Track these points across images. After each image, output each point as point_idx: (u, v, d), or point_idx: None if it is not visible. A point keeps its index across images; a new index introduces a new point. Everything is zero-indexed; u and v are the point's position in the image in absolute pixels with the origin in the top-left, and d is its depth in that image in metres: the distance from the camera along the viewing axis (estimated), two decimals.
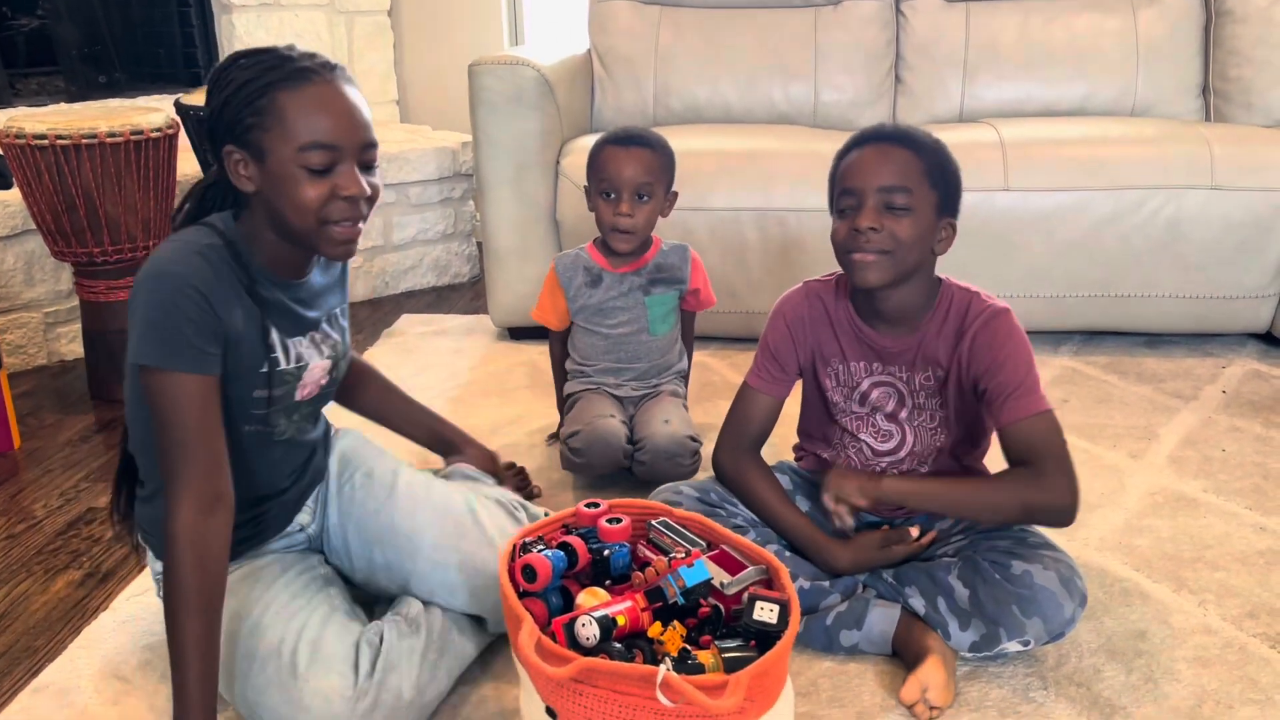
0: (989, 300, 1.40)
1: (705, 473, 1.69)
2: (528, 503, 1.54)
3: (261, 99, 1.13)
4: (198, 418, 1.14)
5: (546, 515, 1.53)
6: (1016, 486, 1.35)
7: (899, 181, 1.33)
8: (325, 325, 1.33)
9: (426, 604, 1.35)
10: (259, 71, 1.14)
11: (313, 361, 1.30)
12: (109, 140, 2.11)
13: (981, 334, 1.37)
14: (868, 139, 1.38)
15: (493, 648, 1.40)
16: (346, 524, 1.41)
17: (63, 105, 2.91)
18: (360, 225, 1.20)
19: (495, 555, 1.30)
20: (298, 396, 1.30)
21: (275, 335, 1.24)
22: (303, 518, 1.40)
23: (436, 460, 1.71)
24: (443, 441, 1.69)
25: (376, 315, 2.92)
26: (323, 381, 1.34)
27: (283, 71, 1.14)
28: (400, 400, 1.67)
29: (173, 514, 1.12)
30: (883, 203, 1.33)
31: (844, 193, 1.37)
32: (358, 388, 1.62)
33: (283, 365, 1.26)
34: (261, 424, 1.27)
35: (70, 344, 2.56)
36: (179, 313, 1.12)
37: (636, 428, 1.80)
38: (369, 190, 1.18)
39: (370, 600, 1.46)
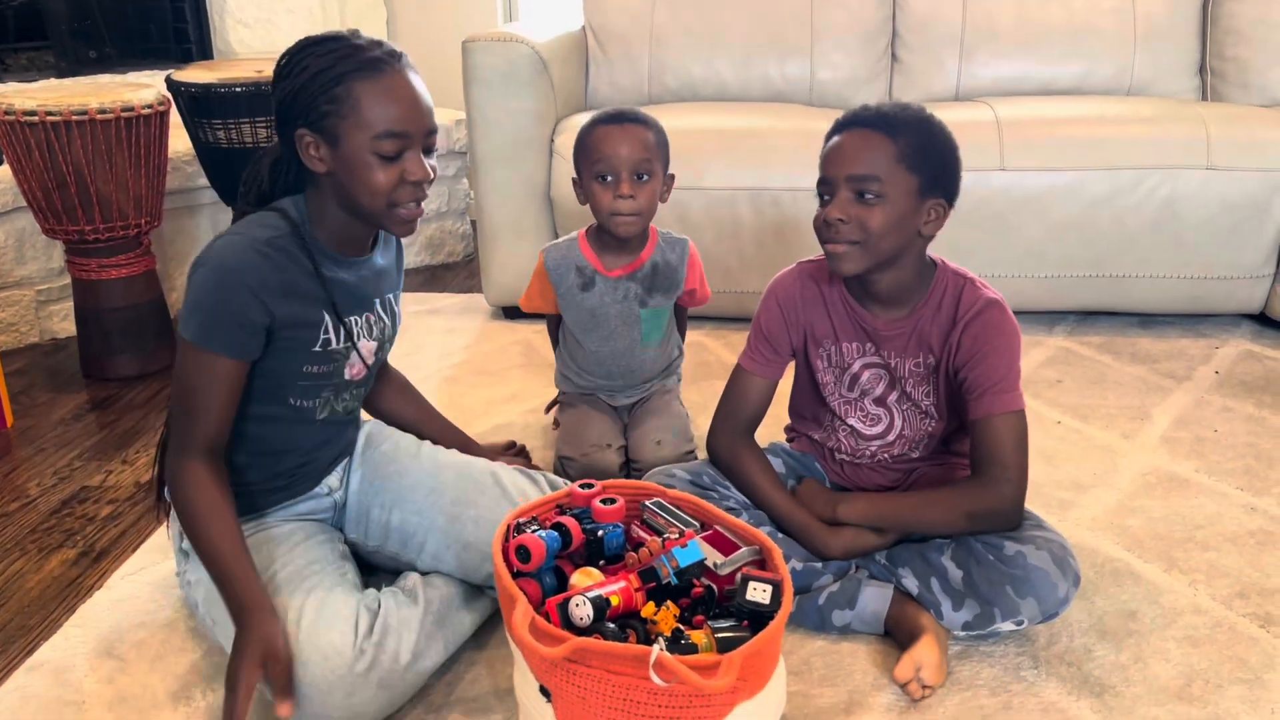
0: (982, 289, 1.40)
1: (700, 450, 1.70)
2: (550, 474, 1.55)
3: (338, 87, 1.19)
4: (219, 396, 1.24)
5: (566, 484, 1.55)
6: (959, 498, 1.38)
7: (868, 171, 1.31)
8: (379, 307, 1.40)
9: (426, 576, 1.37)
10: (334, 60, 1.20)
11: (362, 341, 1.36)
12: (99, 117, 2.10)
13: (973, 325, 1.38)
14: (846, 124, 1.37)
15: (488, 626, 1.40)
16: (368, 489, 1.46)
17: (53, 81, 2.88)
18: (424, 205, 1.29)
19: None
20: (347, 376, 1.37)
21: (332, 316, 1.31)
22: (332, 480, 1.45)
23: None
24: None
25: None
26: (369, 361, 1.40)
27: (356, 61, 1.20)
28: (433, 418, 1.66)
29: (180, 460, 1.24)
30: (853, 192, 1.32)
31: (821, 180, 1.37)
32: (394, 396, 1.63)
33: (334, 345, 1.32)
34: (304, 398, 1.34)
35: (63, 321, 2.55)
36: (226, 306, 1.21)
37: (631, 443, 1.78)
38: (433, 174, 1.26)
39: (371, 575, 1.47)
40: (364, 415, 1.57)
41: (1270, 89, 2.60)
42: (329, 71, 1.19)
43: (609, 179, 1.66)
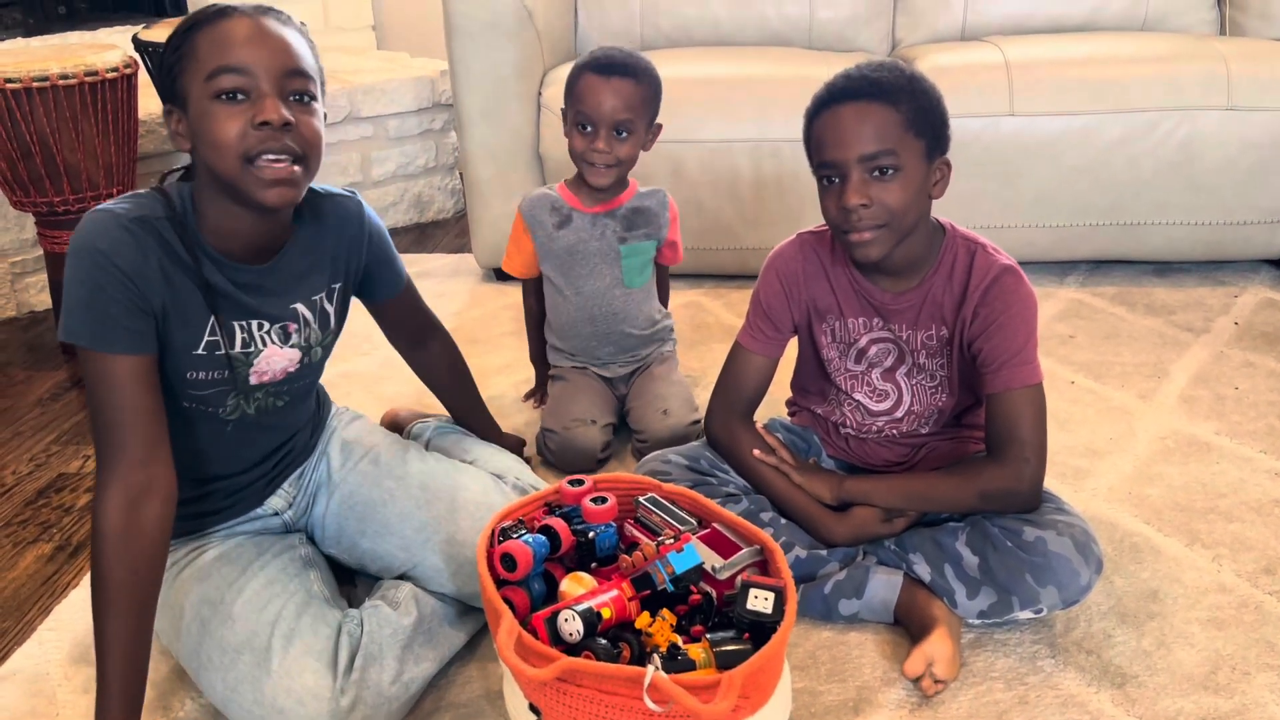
0: (995, 255, 1.31)
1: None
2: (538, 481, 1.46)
3: (183, 45, 1.07)
4: (131, 400, 1.07)
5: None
6: (972, 477, 1.31)
7: (880, 146, 1.21)
8: (305, 310, 1.22)
9: (415, 585, 1.28)
10: (187, 24, 1.08)
11: (268, 348, 1.20)
12: (62, 83, 1.99)
13: (986, 294, 1.29)
14: (836, 98, 1.24)
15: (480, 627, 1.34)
16: (349, 515, 1.33)
17: (18, 42, 2.76)
18: (293, 166, 1.08)
19: None
20: (252, 381, 1.21)
21: (215, 319, 1.14)
22: (276, 503, 1.32)
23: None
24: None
25: None
26: (290, 369, 1.24)
27: (205, 14, 1.08)
28: (467, 407, 1.59)
29: (99, 505, 1.06)
30: (867, 171, 1.22)
31: (822, 164, 1.26)
32: (441, 374, 1.55)
33: (227, 349, 1.16)
34: (202, 403, 1.19)
35: (40, 294, 2.47)
36: (103, 292, 1.05)
37: (633, 415, 1.72)
38: (290, 118, 1.06)
39: (352, 578, 1.41)
40: (334, 408, 1.46)
41: None
42: (178, 34, 1.08)
43: (588, 129, 1.63)
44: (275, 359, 1.21)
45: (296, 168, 1.08)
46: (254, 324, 1.18)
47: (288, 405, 1.28)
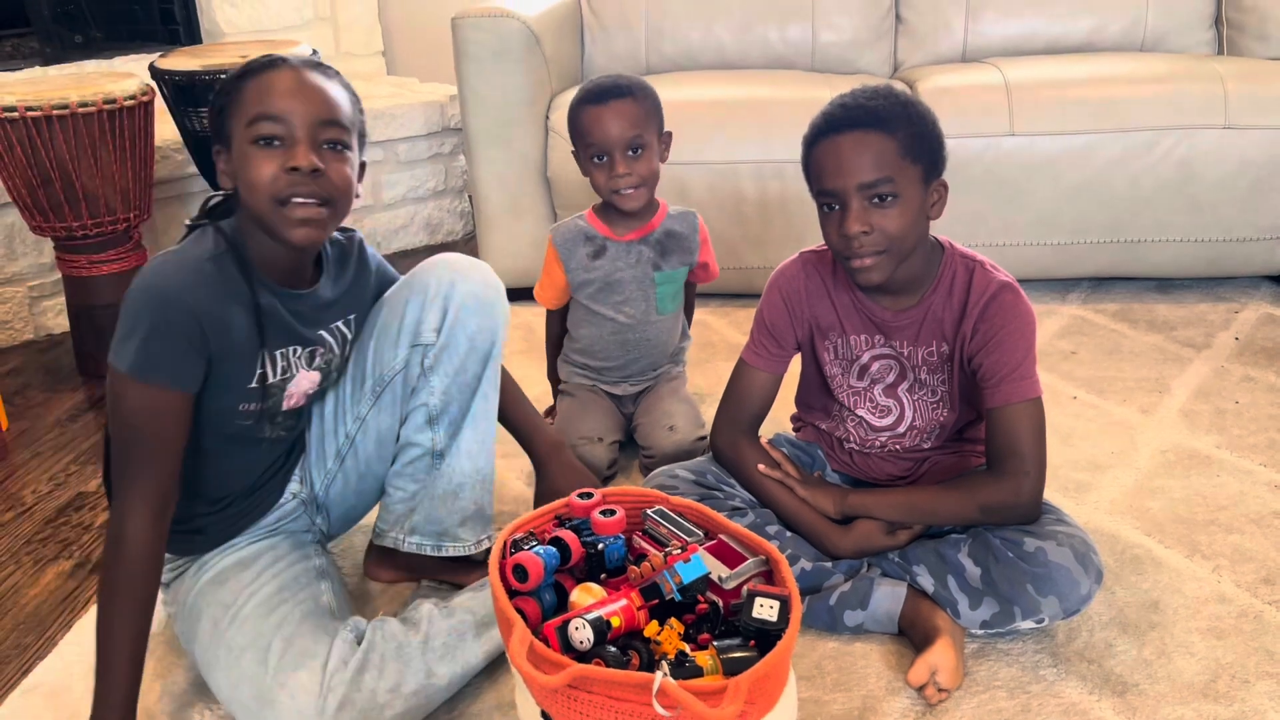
0: (993, 271, 1.34)
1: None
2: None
3: (233, 91, 1.16)
4: (167, 431, 1.14)
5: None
6: (973, 490, 1.34)
7: (878, 174, 1.24)
8: (328, 336, 1.30)
9: (445, 604, 1.30)
10: (241, 71, 1.17)
11: (299, 372, 1.28)
12: (81, 110, 2.04)
13: (985, 310, 1.32)
14: (833, 127, 1.27)
15: None
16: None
17: (36, 71, 2.82)
18: (321, 208, 1.16)
19: None
20: (284, 406, 1.29)
21: (268, 348, 1.22)
22: (293, 486, 1.39)
23: None
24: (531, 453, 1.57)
25: None
26: (310, 391, 1.32)
27: (258, 63, 1.17)
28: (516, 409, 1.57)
29: (124, 516, 1.13)
30: (867, 198, 1.25)
31: (822, 192, 1.30)
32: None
33: (271, 379, 1.24)
34: (245, 431, 1.27)
35: (58, 317, 2.51)
36: (167, 331, 1.11)
37: (640, 431, 1.76)
38: (320, 164, 1.14)
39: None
40: None
41: None
42: (230, 83, 1.17)
43: (603, 159, 1.65)
44: (303, 382, 1.29)
45: (323, 210, 1.16)
46: (291, 349, 1.26)
47: (299, 421, 1.37)
